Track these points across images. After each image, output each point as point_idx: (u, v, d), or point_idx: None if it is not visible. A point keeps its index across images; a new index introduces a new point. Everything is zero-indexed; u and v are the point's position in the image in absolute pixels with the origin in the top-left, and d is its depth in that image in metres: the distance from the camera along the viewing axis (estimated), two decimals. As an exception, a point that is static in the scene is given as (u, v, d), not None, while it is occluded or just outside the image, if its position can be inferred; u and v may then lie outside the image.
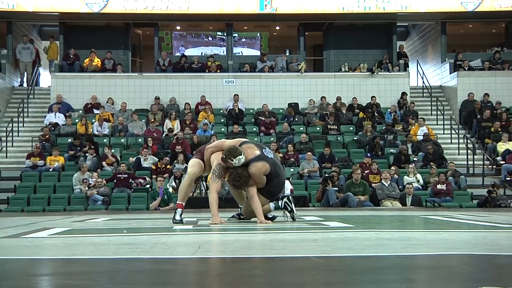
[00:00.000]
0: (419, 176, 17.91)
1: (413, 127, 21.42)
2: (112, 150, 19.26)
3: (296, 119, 22.44)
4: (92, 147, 19.23)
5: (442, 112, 22.87)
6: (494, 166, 19.88)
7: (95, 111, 22.57)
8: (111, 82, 23.47)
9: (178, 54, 25.68)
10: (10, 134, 21.19)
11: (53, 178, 18.41)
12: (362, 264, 4.16)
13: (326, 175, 16.20)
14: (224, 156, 7.73)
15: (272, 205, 8.28)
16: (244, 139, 8.39)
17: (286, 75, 23.98)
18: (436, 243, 5.49)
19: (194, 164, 8.21)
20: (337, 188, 15.68)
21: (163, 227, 7.62)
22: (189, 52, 26.30)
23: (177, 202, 8.16)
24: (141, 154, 19.06)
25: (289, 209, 8.16)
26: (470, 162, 19.85)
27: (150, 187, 17.34)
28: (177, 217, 7.87)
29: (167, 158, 18.63)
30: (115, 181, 17.53)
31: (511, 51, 25.47)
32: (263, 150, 8.04)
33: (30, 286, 3.46)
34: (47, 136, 20.53)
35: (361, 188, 15.97)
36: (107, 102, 22.83)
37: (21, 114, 22.45)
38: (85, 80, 23.48)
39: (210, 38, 27.24)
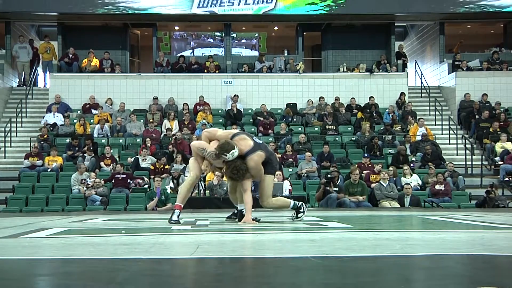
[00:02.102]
0: (415, 176, 17.92)
1: (411, 126, 21.44)
2: (111, 150, 19.26)
3: (295, 120, 22.44)
4: (90, 148, 19.23)
5: (441, 112, 22.88)
6: (493, 167, 19.89)
7: (94, 111, 22.59)
8: (109, 83, 23.47)
9: (189, 53, 25.81)
10: (9, 134, 21.17)
11: (51, 178, 18.40)
12: (360, 265, 4.16)
13: (329, 175, 16.11)
14: (217, 152, 7.76)
15: (292, 202, 8.49)
16: (236, 130, 8.46)
17: (285, 76, 23.99)
18: (434, 243, 5.49)
19: (194, 167, 8.19)
20: (337, 188, 15.65)
21: (161, 227, 7.62)
22: (188, 52, 26.32)
23: (176, 203, 8.16)
24: (139, 154, 19.04)
25: (302, 210, 8.42)
26: (469, 163, 19.85)
27: (148, 187, 17.33)
28: (174, 218, 7.88)
29: (164, 158, 18.56)
30: (113, 181, 17.52)
31: (510, 52, 25.50)
32: (253, 138, 8.20)
33: (29, 286, 3.46)
34: (45, 136, 20.52)
35: (359, 188, 15.97)
36: (105, 103, 22.82)
37: (19, 114, 22.44)
38: (83, 80, 23.47)
39: (211, 40, 27.23)
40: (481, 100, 23.07)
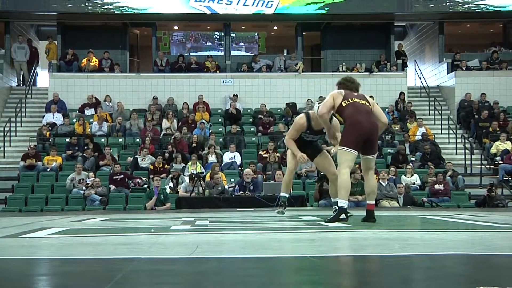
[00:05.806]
0: (416, 176, 17.91)
1: (411, 125, 21.43)
2: (110, 150, 19.25)
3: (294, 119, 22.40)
4: (90, 147, 19.21)
5: (440, 112, 22.88)
6: (492, 166, 19.90)
7: (90, 111, 22.49)
8: (109, 82, 23.45)
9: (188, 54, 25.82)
10: (8, 134, 21.17)
11: (50, 178, 18.39)
12: (360, 264, 4.16)
13: (321, 173, 16.08)
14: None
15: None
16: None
17: (284, 75, 23.98)
18: (433, 243, 5.49)
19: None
20: None
21: (161, 226, 7.62)
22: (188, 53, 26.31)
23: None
24: (139, 154, 19.03)
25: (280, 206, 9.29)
26: (468, 162, 19.86)
27: (147, 187, 17.32)
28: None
29: (161, 157, 18.53)
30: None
31: (509, 51, 25.50)
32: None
33: (28, 286, 3.46)
34: (47, 134, 20.50)
35: (359, 188, 15.94)
36: (104, 101, 22.78)
37: (19, 114, 22.43)
38: (82, 80, 23.45)
39: (209, 43, 27.19)
40: (480, 100, 23.07)
